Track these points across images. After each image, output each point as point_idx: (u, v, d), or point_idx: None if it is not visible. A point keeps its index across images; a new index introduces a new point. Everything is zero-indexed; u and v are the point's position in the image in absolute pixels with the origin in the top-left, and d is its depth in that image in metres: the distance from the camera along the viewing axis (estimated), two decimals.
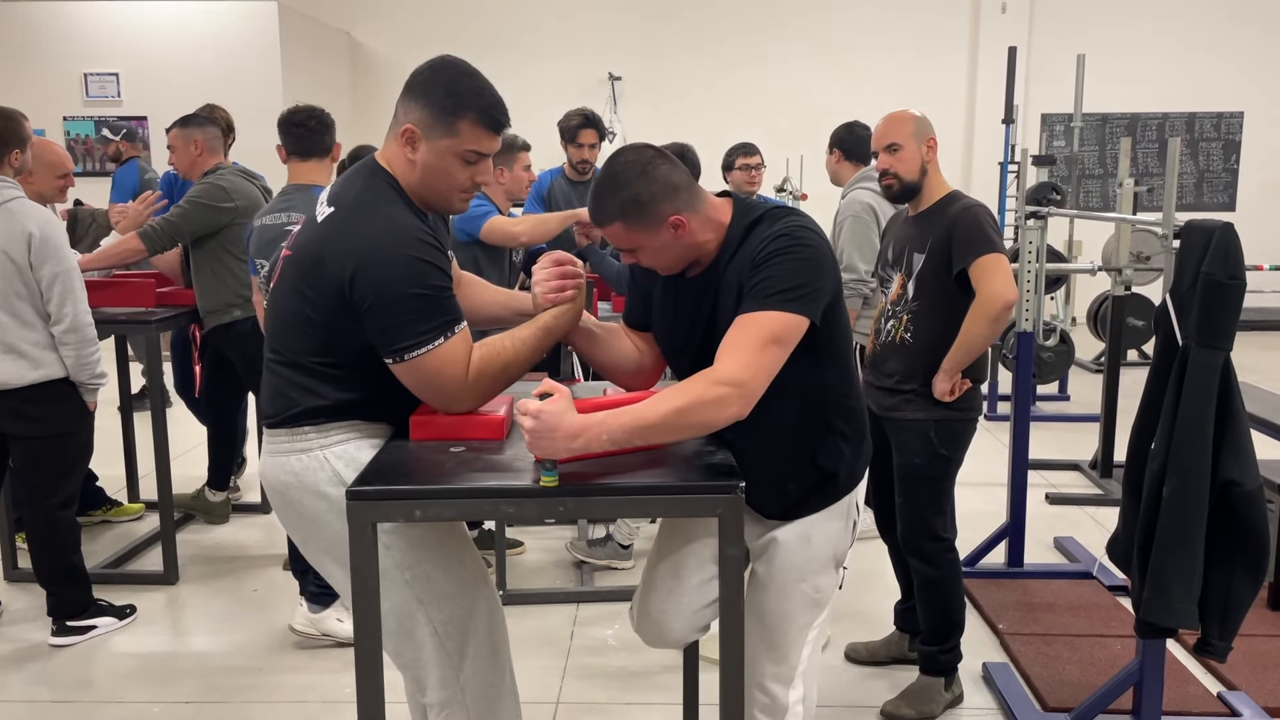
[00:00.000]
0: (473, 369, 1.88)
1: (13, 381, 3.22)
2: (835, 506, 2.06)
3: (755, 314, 1.81)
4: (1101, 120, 10.42)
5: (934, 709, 2.96)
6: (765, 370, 1.77)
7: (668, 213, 1.87)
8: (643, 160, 1.87)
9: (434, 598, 1.95)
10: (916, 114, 2.91)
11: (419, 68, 1.89)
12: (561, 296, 2.01)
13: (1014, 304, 2.74)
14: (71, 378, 3.30)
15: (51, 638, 3.48)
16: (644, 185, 1.85)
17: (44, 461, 3.35)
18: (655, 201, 1.86)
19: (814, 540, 2.04)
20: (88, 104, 9.00)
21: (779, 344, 1.79)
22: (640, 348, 2.15)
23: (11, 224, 3.16)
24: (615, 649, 3.41)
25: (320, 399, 1.89)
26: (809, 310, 1.83)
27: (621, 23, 10.43)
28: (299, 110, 3.52)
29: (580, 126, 4.52)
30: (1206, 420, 2.34)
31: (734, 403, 1.73)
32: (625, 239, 1.91)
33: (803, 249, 1.85)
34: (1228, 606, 2.39)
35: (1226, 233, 2.33)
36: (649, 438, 1.72)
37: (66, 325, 3.23)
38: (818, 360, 1.94)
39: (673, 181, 1.87)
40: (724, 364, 1.76)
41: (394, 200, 1.88)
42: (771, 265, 1.83)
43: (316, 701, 3.10)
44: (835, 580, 2.11)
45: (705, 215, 1.93)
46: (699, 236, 1.92)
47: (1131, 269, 5.21)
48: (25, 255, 3.17)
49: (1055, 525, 4.57)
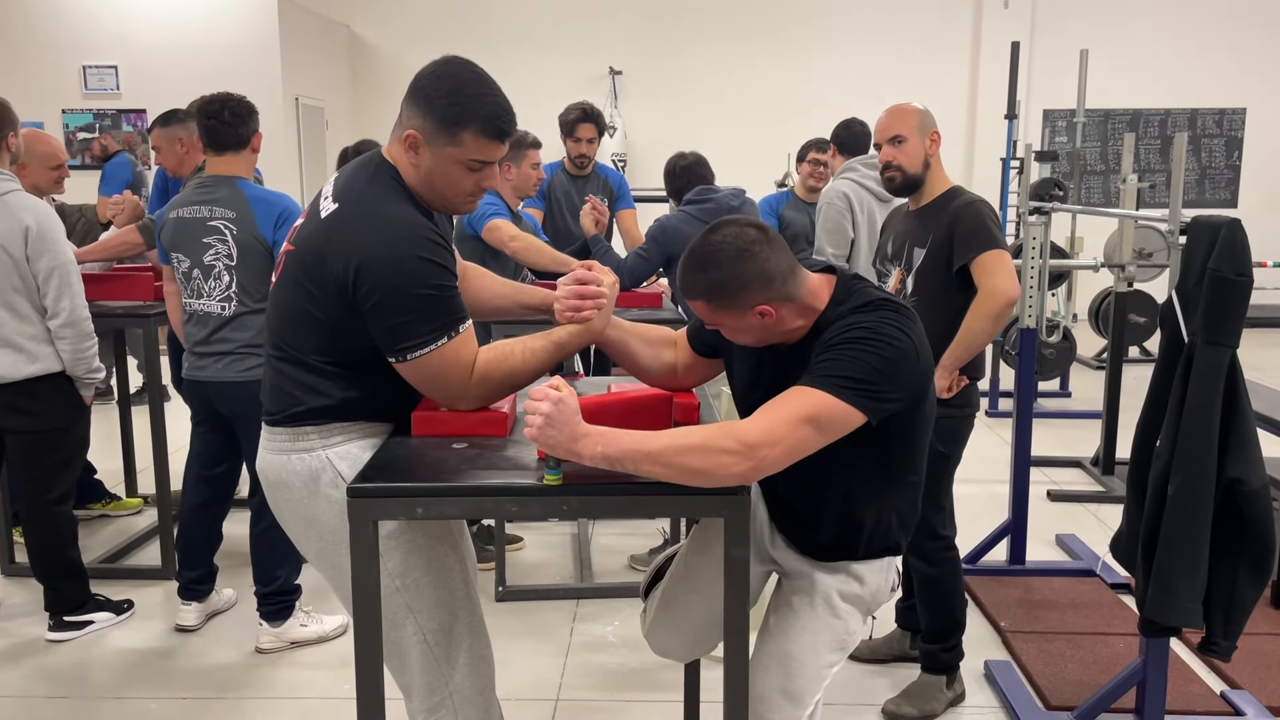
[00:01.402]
0: (479, 371, 1.86)
1: (9, 375, 3.19)
2: (884, 560, 2.01)
3: (806, 388, 1.70)
4: (1104, 116, 10.40)
5: (935, 707, 2.94)
6: (788, 446, 1.66)
7: (756, 302, 1.78)
8: (742, 244, 1.77)
9: (423, 605, 1.94)
10: (920, 107, 2.90)
11: (423, 69, 1.85)
12: (578, 317, 1.98)
13: (1016, 300, 2.73)
14: (68, 372, 3.28)
15: (48, 633, 3.47)
16: (736, 272, 1.75)
17: (41, 456, 3.33)
18: (745, 290, 1.77)
19: (856, 580, 1.99)
20: (86, 97, 8.96)
21: (816, 426, 1.67)
22: (684, 364, 2.09)
23: (8, 217, 3.13)
24: (615, 645, 3.40)
25: (325, 398, 1.88)
26: (865, 407, 1.71)
27: (622, 17, 10.40)
28: (213, 101, 3.29)
29: (578, 121, 4.48)
30: (1212, 418, 2.32)
31: (740, 464, 1.62)
32: (708, 316, 1.83)
33: (883, 345, 1.73)
34: (1232, 605, 2.38)
35: (1234, 229, 2.31)
36: (641, 468, 1.63)
37: (63, 319, 3.20)
38: (886, 460, 1.88)
39: (768, 272, 1.77)
40: (748, 422, 1.67)
41: (399, 197, 1.85)
42: (843, 349, 1.73)
43: (315, 698, 3.09)
44: (863, 629, 2.06)
45: (800, 304, 1.83)
46: (787, 325, 1.84)
47: (1134, 265, 5.20)
48: (22, 249, 3.14)
49: (1057, 522, 4.56)
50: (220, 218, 3.19)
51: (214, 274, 3.20)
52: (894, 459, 1.90)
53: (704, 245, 1.79)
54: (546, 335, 1.96)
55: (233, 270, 3.18)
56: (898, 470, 1.92)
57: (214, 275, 3.20)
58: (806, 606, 1.99)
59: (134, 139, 9.10)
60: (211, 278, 3.20)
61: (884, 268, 3.00)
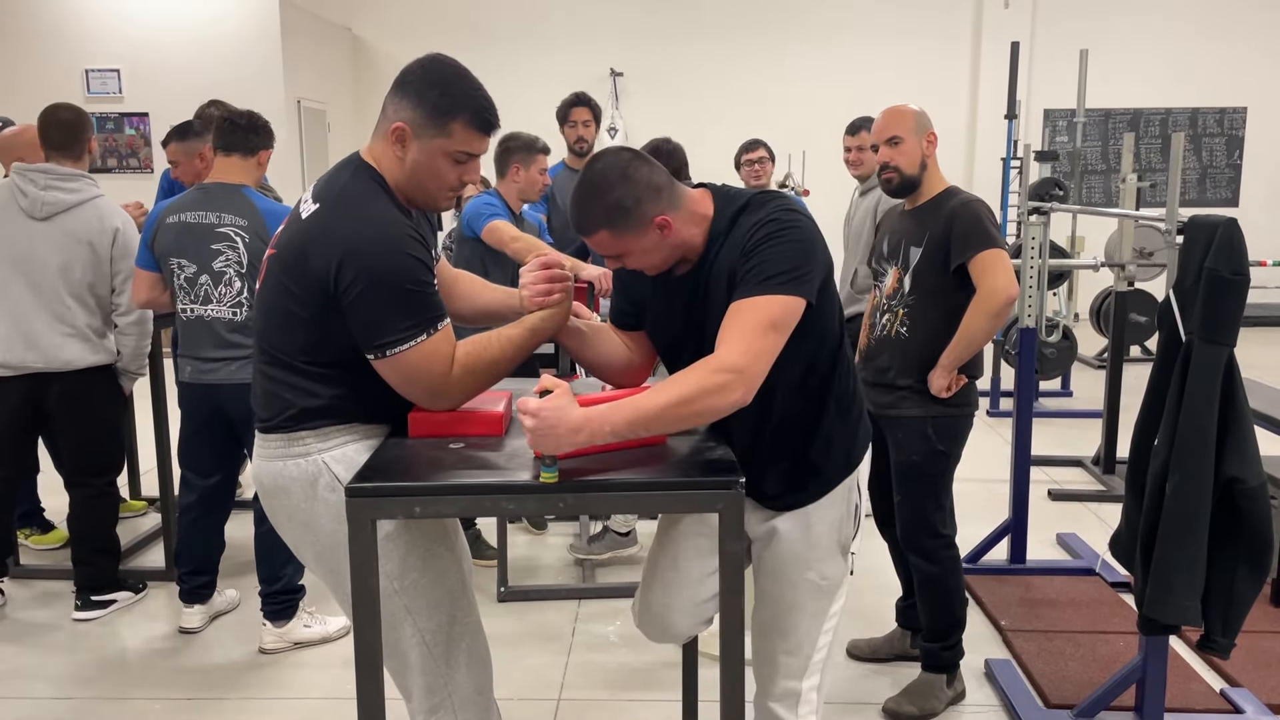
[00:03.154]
0: (457, 365, 1.87)
1: (76, 362, 3.46)
2: (835, 492, 2.05)
3: (751, 299, 1.79)
4: (1104, 115, 10.40)
5: (936, 706, 2.95)
6: (765, 354, 1.76)
7: (652, 214, 1.84)
8: (621, 164, 1.84)
9: (422, 606, 1.95)
10: (916, 108, 2.90)
11: (409, 65, 1.88)
12: (547, 300, 2.01)
13: (1015, 299, 2.74)
14: (122, 365, 3.59)
15: (75, 612, 3.62)
16: (626, 189, 1.82)
17: (93, 443, 3.59)
18: (639, 205, 1.83)
19: (815, 528, 2.03)
20: (89, 100, 8.98)
21: (777, 328, 1.77)
22: (629, 346, 2.14)
23: (100, 219, 3.44)
24: (617, 645, 3.41)
25: (315, 399, 1.88)
26: (804, 291, 1.81)
27: (623, 18, 10.41)
28: (237, 109, 3.39)
29: (571, 105, 4.50)
30: (1210, 416, 2.33)
31: (736, 389, 1.71)
32: (611, 245, 1.89)
33: (792, 231, 1.83)
34: (1231, 603, 2.38)
35: (1230, 228, 2.32)
36: (651, 428, 1.71)
37: (135, 317, 3.53)
38: (810, 341, 1.93)
39: (654, 182, 1.85)
40: (723, 351, 1.74)
41: (379, 196, 1.86)
42: (763, 250, 1.81)
43: (318, 698, 3.10)
44: (844, 567, 2.09)
45: (689, 211, 1.91)
46: (684, 233, 1.90)
47: (1134, 264, 5.20)
48: (109, 249, 3.45)
49: (1058, 521, 4.56)
50: (230, 224, 3.21)
51: (225, 280, 3.21)
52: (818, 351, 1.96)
53: (587, 178, 1.86)
54: (520, 323, 1.99)
55: (244, 277, 3.20)
56: (828, 364, 1.98)
57: (225, 281, 3.21)
58: (778, 562, 2.05)
59: (136, 142, 9.13)
60: (222, 284, 3.22)
61: (880, 267, 3.01)
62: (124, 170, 9.17)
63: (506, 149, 3.81)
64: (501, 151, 3.82)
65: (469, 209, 3.79)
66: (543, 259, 2.05)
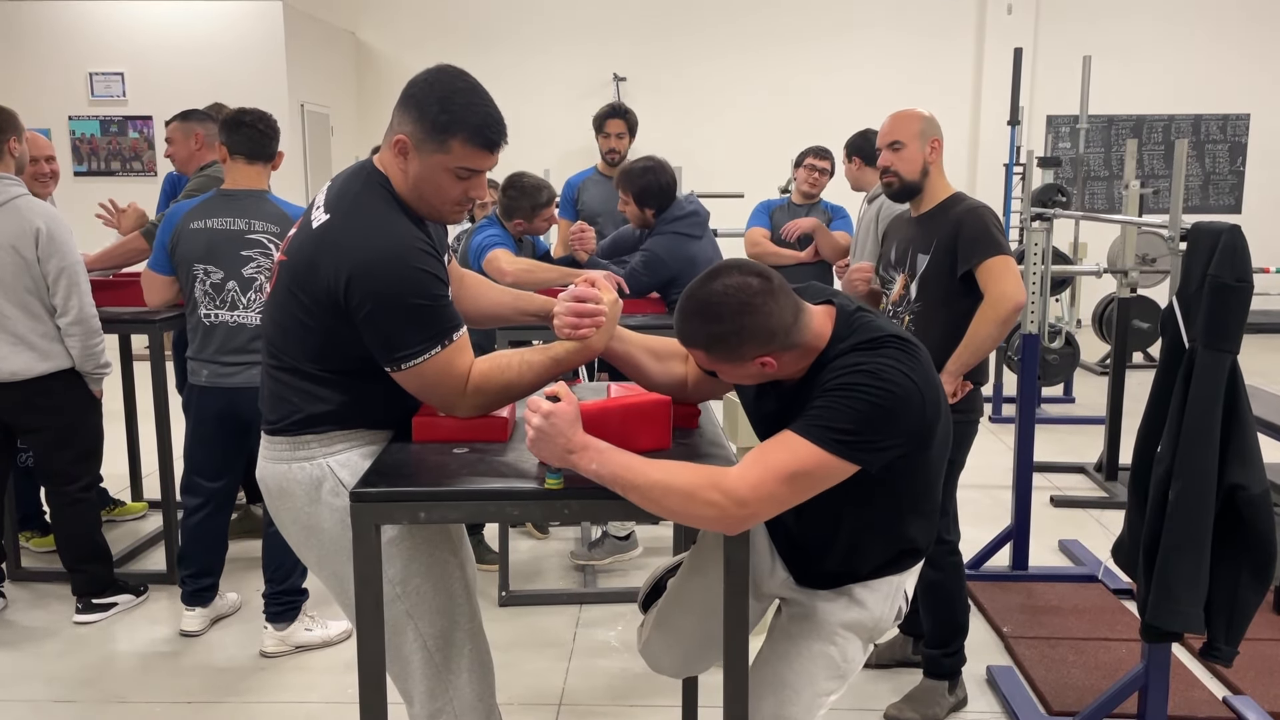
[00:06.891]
0: (474, 381, 1.87)
1: (23, 373, 3.32)
2: (889, 581, 1.95)
3: (798, 438, 1.65)
4: (1107, 122, 10.40)
5: (938, 712, 2.95)
6: (776, 501, 1.64)
7: (757, 355, 1.73)
8: (744, 297, 1.69)
9: (424, 612, 1.95)
10: (925, 113, 2.90)
11: (416, 77, 1.86)
12: (575, 335, 1.96)
13: (1023, 305, 2.74)
14: (78, 368, 3.41)
15: (76, 616, 3.59)
16: (737, 326, 1.69)
17: (61, 449, 3.48)
18: (743, 344, 1.71)
19: (858, 605, 1.94)
20: (93, 103, 9.01)
21: (802, 480, 1.65)
22: (694, 380, 2.06)
23: (19, 220, 3.26)
24: (618, 650, 3.40)
25: (322, 404, 1.89)
26: (859, 459, 1.66)
27: (626, 24, 10.42)
28: (252, 111, 3.32)
29: (606, 116, 4.60)
30: (1213, 423, 2.33)
31: (724, 519, 1.62)
32: (705, 363, 1.81)
33: (880, 393, 1.66)
34: (1234, 611, 2.38)
35: (1234, 235, 2.32)
36: (629, 495, 1.64)
37: (72, 317, 3.34)
38: (897, 495, 1.85)
39: (770, 327, 1.70)
40: (736, 474, 1.64)
41: (390, 208, 1.85)
42: (838, 396, 1.67)
43: (319, 702, 3.09)
44: (863, 657, 2.00)
45: (804, 347, 1.77)
46: (788, 370, 1.79)
47: (1137, 271, 5.20)
48: (33, 250, 3.27)
49: (1060, 528, 4.55)
50: (263, 231, 3.23)
51: (254, 286, 3.24)
52: (904, 493, 1.87)
53: (704, 293, 1.72)
54: (544, 350, 1.95)
55: None
56: (909, 503, 1.89)
57: (254, 287, 3.24)
58: (804, 633, 1.95)
59: (140, 145, 9.14)
60: (251, 290, 3.24)
61: (887, 274, 3.01)
62: (127, 174, 9.19)
63: (512, 202, 3.84)
64: (507, 202, 3.85)
65: (473, 245, 3.82)
66: (579, 290, 1.99)
